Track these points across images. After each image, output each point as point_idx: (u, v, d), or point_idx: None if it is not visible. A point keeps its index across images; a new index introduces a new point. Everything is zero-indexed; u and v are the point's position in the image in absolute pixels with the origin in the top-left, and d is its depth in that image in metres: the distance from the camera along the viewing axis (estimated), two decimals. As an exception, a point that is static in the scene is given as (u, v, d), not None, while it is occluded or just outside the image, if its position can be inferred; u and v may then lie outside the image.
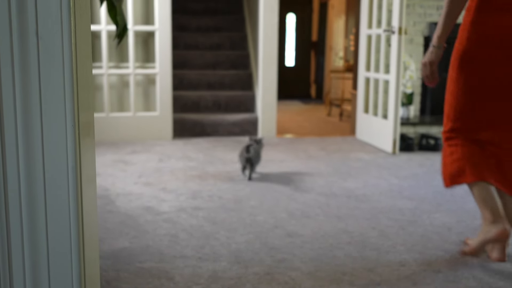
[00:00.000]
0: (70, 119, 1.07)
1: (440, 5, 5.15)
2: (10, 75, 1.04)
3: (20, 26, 1.03)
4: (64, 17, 1.04)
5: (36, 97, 1.05)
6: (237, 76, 5.81)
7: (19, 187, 1.08)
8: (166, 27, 4.82)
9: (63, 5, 1.03)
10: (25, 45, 1.03)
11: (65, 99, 1.06)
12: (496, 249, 2.22)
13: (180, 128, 5.19)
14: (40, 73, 1.05)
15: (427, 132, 4.89)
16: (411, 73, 4.96)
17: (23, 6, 1.02)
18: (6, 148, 1.07)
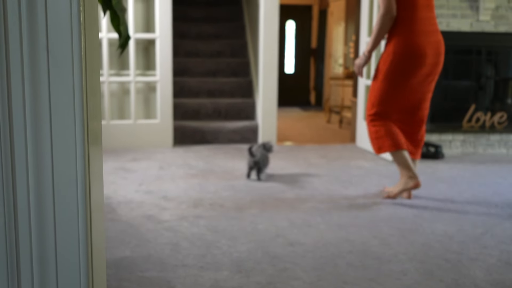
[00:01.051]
0: (80, 127, 1.08)
1: (439, 13, 5.16)
2: (20, 86, 1.05)
3: (30, 40, 1.04)
4: (75, 32, 1.05)
5: (46, 109, 1.06)
6: (237, 84, 5.82)
7: (28, 194, 1.09)
8: (167, 35, 4.83)
9: (73, 21, 1.04)
10: (35, 60, 1.04)
11: (74, 108, 1.07)
12: (407, 193, 3.38)
13: (181, 136, 5.19)
14: (50, 85, 1.06)
15: (427, 140, 4.90)
16: (411, 81, 4.96)
17: (33, 21, 1.03)
18: (16, 160, 1.07)
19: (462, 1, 5.20)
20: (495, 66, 5.48)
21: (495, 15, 5.24)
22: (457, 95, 5.41)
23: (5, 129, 1.07)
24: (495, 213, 3.09)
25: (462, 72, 5.41)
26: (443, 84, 5.28)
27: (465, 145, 4.97)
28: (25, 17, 1.03)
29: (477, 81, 5.44)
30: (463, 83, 5.43)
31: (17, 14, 1.03)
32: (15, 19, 1.04)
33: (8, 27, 1.04)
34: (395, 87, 3.24)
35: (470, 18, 5.23)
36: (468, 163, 4.61)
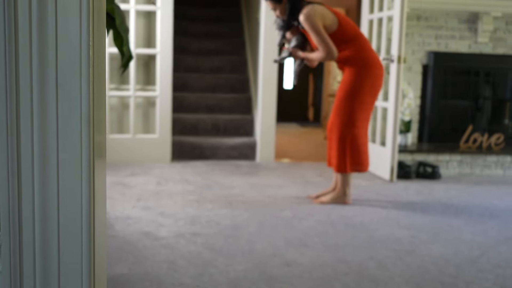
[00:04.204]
0: (86, 140, 1.09)
1: (438, 35, 5.22)
2: (29, 96, 1.06)
3: (39, 48, 1.06)
4: (84, 46, 1.06)
5: (53, 121, 1.07)
6: (236, 100, 5.85)
7: (33, 207, 1.10)
8: (168, 50, 4.87)
9: (83, 34, 1.06)
10: (43, 72, 1.06)
11: (81, 121, 1.08)
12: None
13: (179, 151, 5.21)
14: (58, 98, 1.07)
15: (425, 159, 4.92)
16: (409, 101, 5.00)
17: (43, 36, 1.05)
18: (22, 172, 1.09)
19: (460, 23, 5.25)
20: (492, 87, 5.52)
21: (493, 37, 5.30)
22: (454, 116, 5.45)
23: (12, 139, 1.08)
24: (491, 236, 3.11)
25: (460, 93, 5.45)
26: (441, 105, 5.32)
27: (462, 165, 4.99)
28: (36, 20, 1.05)
29: (474, 102, 5.48)
30: (461, 104, 5.47)
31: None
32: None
33: (18, 27, 1.06)
34: (363, 103, 3.56)
35: (469, 40, 5.28)
36: (465, 183, 4.63)
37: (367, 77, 3.53)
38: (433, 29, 5.22)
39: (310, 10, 3.49)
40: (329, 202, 3.74)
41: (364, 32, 5.12)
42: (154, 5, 4.81)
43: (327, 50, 3.48)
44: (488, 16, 5.09)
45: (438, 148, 5.04)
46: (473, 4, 5.01)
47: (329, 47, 3.48)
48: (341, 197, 3.75)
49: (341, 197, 3.75)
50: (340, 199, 3.75)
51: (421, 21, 5.19)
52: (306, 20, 3.47)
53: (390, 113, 4.59)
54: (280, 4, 3.59)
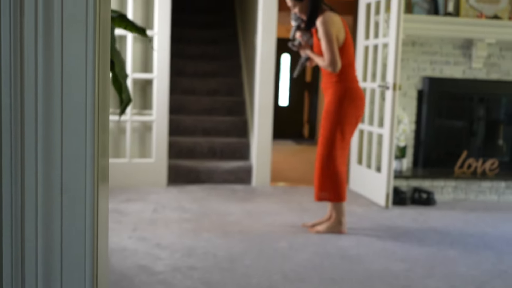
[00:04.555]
0: (90, 164, 1.10)
1: (433, 60, 5.27)
2: (33, 122, 1.07)
3: (45, 79, 1.07)
4: (89, 71, 1.08)
5: (58, 145, 1.08)
6: (232, 123, 5.87)
7: (36, 237, 1.11)
8: (164, 75, 4.89)
9: (89, 62, 1.08)
10: (49, 98, 1.07)
11: (86, 144, 1.10)
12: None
13: (175, 175, 5.21)
14: (63, 120, 1.08)
15: (420, 185, 4.95)
16: (404, 127, 5.04)
17: (49, 62, 1.06)
18: (26, 192, 1.10)
19: (455, 48, 5.30)
20: (486, 112, 5.56)
21: (487, 62, 5.35)
22: (449, 141, 5.48)
23: (16, 162, 1.09)
24: (485, 269, 3.12)
25: (455, 118, 5.49)
26: (436, 130, 5.35)
27: (457, 191, 5.02)
28: (41, 49, 1.07)
29: (469, 128, 5.52)
30: (456, 129, 5.51)
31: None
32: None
33: (24, 67, 1.07)
34: (345, 132, 3.65)
35: (463, 66, 5.33)
36: (459, 210, 4.66)
37: (350, 107, 3.61)
38: (428, 54, 5.26)
39: (330, 16, 3.57)
40: (324, 232, 3.75)
41: (360, 57, 5.17)
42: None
43: (332, 59, 3.53)
44: (482, 43, 5.14)
45: (433, 174, 5.07)
46: (467, 31, 5.06)
47: (335, 58, 3.54)
48: (336, 226, 3.76)
49: (336, 226, 3.76)
50: (335, 228, 3.76)
51: (416, 46, 5.24)
52: (323, 25, 3.54)
53: (385, 139, 4.62)
54: (301, 2, 3.63)
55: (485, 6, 5.22)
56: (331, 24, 3.55)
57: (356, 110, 3.66)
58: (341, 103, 3.61)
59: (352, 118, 3.66)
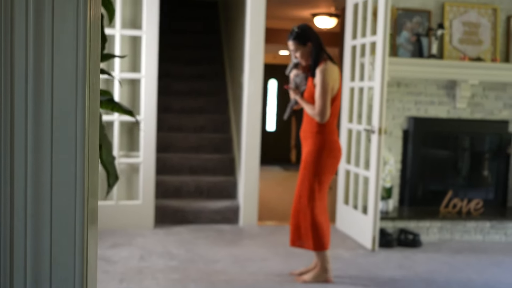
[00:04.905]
0: (80, 205, 1.09)
1: (418, 100, 5.33)
2: (23, 160, 1.07)
3: (35, 116, 1.07)
4: (79, 109, 1.08)
5: (47, 185, 1.08)
6: (220, 160, 5.88)
7: (25, 273, 1.09)
8: (152, 116, 4.91)
9: (79, 104, 1.08)
10: (38, 135, 1.07)
11: (76, 185, 1.08)
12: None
13: (162, 215, 5.21)
14: (52, 160, 1.08)
15: (406, 226, 4.98)
16: (390, 168, 5.08)
17: (40, 92, 1.06)
18: (15, 236, 1.08)
19: (439, 89, 5.38)
20: (471, 151, 5.63)
21: (471, 102, 5.42)
22: (435, 180, 5.54)
23: (5, 209, 1.08)
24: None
25: (440, 157, 5.55)
26: (421, 169, 5.40)
27: (443, 231, 5.06)
28: (32, 85, 1.06)
29: (454, 166, 5.58)
30: (441, 168, 5.56)
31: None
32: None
33: (14, 104, 1.07)
34: (322, 182, 3.68)
35: (447, 105, 5.40)
36: (445, 252, 4.69)
37: (328, 158, 3.65)
38: (413, 95, 5.33)
39: (330, 66, 3.62)
40: (311, 281, 3.76)
41: (345, 98, 5.22)
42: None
43: (323, 110, 3.57)
44: (466, 84, 5.22)
45: (419, 214, 5.11)
46: (451, 73, 5.14)
47: (326, 109, 3.58)
48: (322, 274, 3.77)
49: (322, 275, 3.77)
50: (321, 277, 3.77)
51: (401, 87, 5.30)
52: (322, 73, 3.58)
53: (371, 183, 4.65)
54: (304, 46, 3.66)
55: (468, 48, 5.30)
56: (330, 74, 3.59)
57: (334, 161, 3.71)
58: (320, 154, 3.65)
59: (330, 168, 3.70)
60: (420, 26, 5.23)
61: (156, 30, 4.89)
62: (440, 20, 5.28)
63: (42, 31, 1.06)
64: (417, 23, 5.23)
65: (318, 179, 3.67)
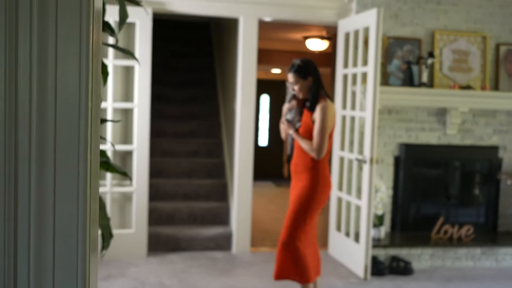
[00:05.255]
0: (82, 233, 1.09)
1: (409, 127, 5.38)
2: (27, 177, 1.09)
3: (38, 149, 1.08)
4: (81, 139, 1.09)
5: (51, 215, 1.09)
6: (212, 186, 5.90)
7: None
8: (144, 147, 4.93)
9: (81, 132, 1.09)
10: (42, 162, 1.08)
11: (78, 214, 1.09)
12: None
13: (155, 243, 5.22)
14: (56, 188, 1.09)
15: (398, 254, 5.01)
16: (381, 195, 5.12)
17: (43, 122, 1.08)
18: (18, 263, 1.09)
19: (430, 115, 5.43)
20: (461, 176, 5.68)
21: (461, 129, 5.48)
22: (426, 205, 5.58)
23: (9, 238, 1.08)
24: None
25: (431, 183, 5.60)
26: (413, 195, 5.45)
27: (434, 258, 5.10)
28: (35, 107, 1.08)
29: (445, 191, 5.63)
30: (432, 194, 5.61)
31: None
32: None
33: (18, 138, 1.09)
34: (312, 217, 3.67)
35: (438, 132, 5.46)
36: (437, 280, 4.73)
37: (321, 194, 3.64)
38: (403, 122, 5.38)
39: (330, 105, 3.62)
40: None
41: (337, 126, 5.26)
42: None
43: (320, 147, 3.56)
44: (456, 111, 5.28)
45: (410, 241, 5.14)
46: (441, 101, 5.20)
47: (323, 147, 3.57)
48: None
49: None
50: None
51: (392, 114, 5.35)
52: (323, 111, 3.57)
53: (363, 212, 4.69)
54: (304, 80, 3.65)
55: (458, 75, 5.37)
56: (330, 112, 3.60)
57: (326, 196, 3.72)
58: (315, 190, 3.63)
59: (321, 203, 3.71)
60: (410, 54, 5.29)
61: (149, 60, 4.92)
62: (431, 48, 5.34)
63: (45, 59, 1.07)
64: (408, 51, 5.29)
65: (309, 214, 3.66)
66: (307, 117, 3.68)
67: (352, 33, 5.06)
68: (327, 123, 3.58)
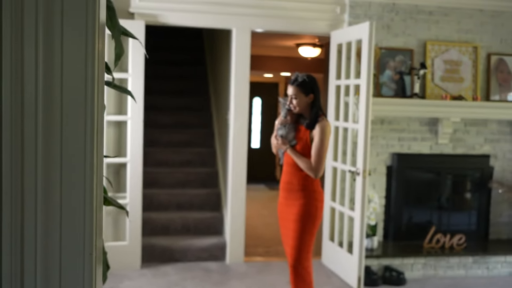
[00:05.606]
0: (89, 244, 1.10)
1: (401, 137, 5.42)
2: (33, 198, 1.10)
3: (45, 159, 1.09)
4: (88, 150, 1.09)
5: (57, 223, 1.11)
6: (206, 196, 5.91)
7: None
8: (138, 160, 4.94)
9: (87, 146, 1.11)
10: (48, 176, 1.09)
11: (84, 225, 1.11)
12: None
13: (149, 254, 5.22)
14: (62, 199, 1.11)
15: (391, 264, 5.05)
16: (374, 205, 5.15)
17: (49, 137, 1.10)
18: (25, 276, 1.10)
19: (422, 125, 5.47)
20: (453, 185, 5.73)
21: (453, 138, 5.52)
22: (418, 214, 5.62)
23: (16, 252, 1.09)
24: None
25: (423, 193, 5.64)
26: (405, 204, 5.49)
27: (426, 267, 5.14)
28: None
29: (437, 200, 5.67)
30: (424, 203, 5.65)
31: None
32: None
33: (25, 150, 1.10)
34: (313, 234, 3.62)
35: (430, 141, 5.50)
36: (429, 290, 4.78)
37: (319, 209, 3.60)
38: (396, 132, 5.42)
39: (329, 124, 3.58)
40: None
41: (331, 137, 5.27)
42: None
43: (319, 166, 3.51)
44: (447, 121, 5.32)
45: (403, 251, 5.18)
46: (433, 111, 5.24)
47: (322, 167, 3.52)
48: None
49: None
50: None
51: (385, 124, 5.38)
52: (324, 130, 3.52)
53: (356, 224, 4.71)
54: (305, 96, 3.57)
55: (450, 85, 5.41)
56: (329, 132, 3.56)
57: (321, 212, 3.68)
58: (315, 206, 3.59)
59: (320, 219, 3.67)
60: (403, 65, 5.32)
61: (142, 72, 4.92)
62: (423, 59, 5.37)
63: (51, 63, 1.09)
64: (400, 62, 5.32)
65: (313, 231, 3.60)
66: (305, 134, 3.60)
67: (344, 44, 5.08)
68: (326, 142, 3.53)
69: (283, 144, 3.65)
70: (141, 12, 5.02)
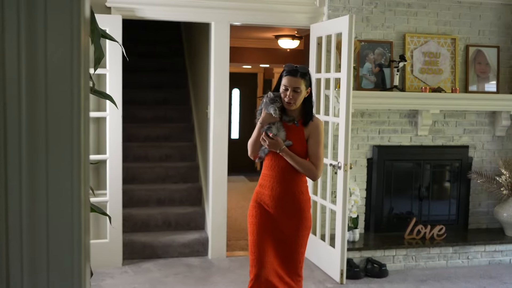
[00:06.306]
0: (77, 243, 1.08)
1: (381, 129, 5.43)
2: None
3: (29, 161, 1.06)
4: (75, 154, 1.07)
5: (44, 222, 1.08)
6: (187, 190, 5.87)
7: None
8: (118, 156, 4.88)
9: (74, 154, 1.08)
10: (34, 192, 1.06)
11: (72, 223, 1.08)
12: None
13: (130, 251, 5.17)
14: (48, 199, 1.08)
15: (372, 256, 5.08)
16: (355, 198, 5.17)
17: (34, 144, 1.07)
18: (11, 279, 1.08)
19: (402, 117, 5.49)
20: (433, 176, 5.77)
21: (432, 129, 5.56)
22: (399, 206, 5.66)
23: (1, 252, 1.07)
24: None
25: (403, 185, 5.67)
26: (386, 196, 5.51)
27: (408, 259, 5.19)
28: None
29: (417, 191, 5.71)
30: (405, 194, 5.69)
31: None
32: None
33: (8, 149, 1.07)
34: None
35: (410, 133, 5.52)
36: (411, 281, 4.81)
37: (309, 219, 3.37)
38: (376, 124, 5.43)
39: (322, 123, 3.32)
40: None
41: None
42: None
43: (321, 167, 3.24)
44: (427, 112, 5.35)
45: (384, 243, 5.21)
46: (413, 104, 5.26)
47: (322, 167, 3.27)
48: None
49: None
50: None
51: (365, 117, 5.39)
52: (321, 127, 3.25)
53: (338, 217, 4.73)
54: (305, 90, 3.20)
55: (429, 77, 5.43)
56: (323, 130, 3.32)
57: None
58: (309, 214, 3.38)
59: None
60: (382, 57, 5.32)
61: (119, 67, 4.85)
62: (402, 51, 5.38)
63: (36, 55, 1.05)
64: (380, 54, 5.32)
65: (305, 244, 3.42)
66: (300, 133, 3.24)
67: (324, 37, 5.06)
68: (322, 140, 3.26)
69: (278, 144, 3.17)
70: (118, 7, 4.93)
